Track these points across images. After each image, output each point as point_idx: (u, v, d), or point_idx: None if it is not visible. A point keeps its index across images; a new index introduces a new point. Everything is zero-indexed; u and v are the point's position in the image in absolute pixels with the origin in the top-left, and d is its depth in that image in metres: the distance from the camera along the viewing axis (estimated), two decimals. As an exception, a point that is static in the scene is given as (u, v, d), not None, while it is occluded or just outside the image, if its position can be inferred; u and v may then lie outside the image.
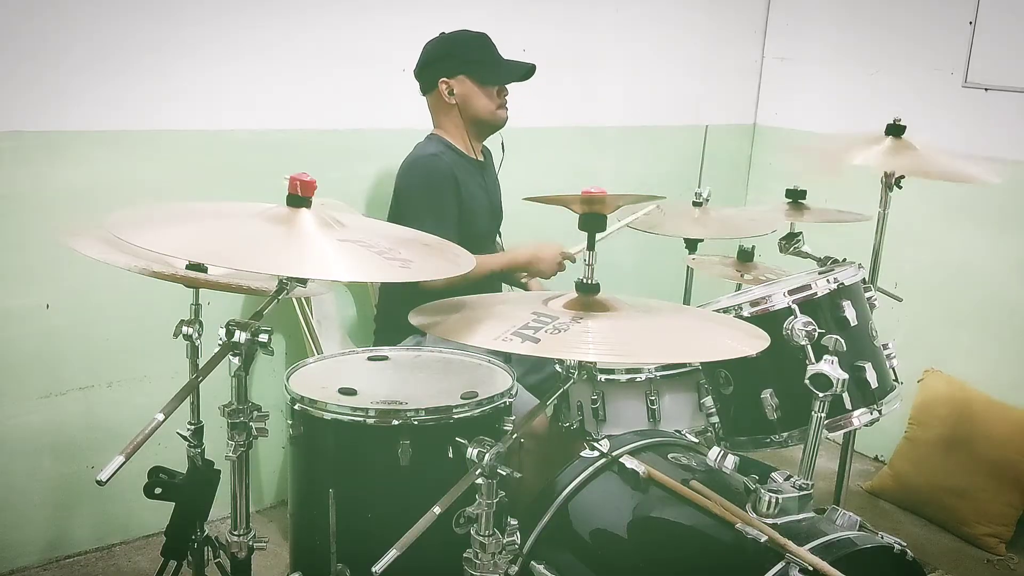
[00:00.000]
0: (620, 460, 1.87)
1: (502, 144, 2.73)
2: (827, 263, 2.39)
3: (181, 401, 1.46)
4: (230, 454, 1.64)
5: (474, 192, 2.59)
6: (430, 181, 2.51)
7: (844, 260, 2.33)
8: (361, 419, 1.84)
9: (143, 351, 2.66)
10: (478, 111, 2.58)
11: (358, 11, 2.84)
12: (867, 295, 2.20)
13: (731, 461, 1.71)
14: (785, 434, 2.03)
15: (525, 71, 2.58)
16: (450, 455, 1.82)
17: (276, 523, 2.91)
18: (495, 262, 2.54)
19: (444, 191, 2.50)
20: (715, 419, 2.18)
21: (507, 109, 2.62)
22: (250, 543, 1.72)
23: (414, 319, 1.61)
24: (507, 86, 2.61)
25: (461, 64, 2.55)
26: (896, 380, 2.19)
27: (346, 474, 1.90)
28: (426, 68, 2.59)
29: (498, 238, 2.89)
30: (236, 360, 1.57)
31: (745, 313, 2.01)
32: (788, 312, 1.98)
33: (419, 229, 1.94)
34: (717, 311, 2.05)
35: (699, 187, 2.84)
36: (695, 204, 2.83)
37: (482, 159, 2.71)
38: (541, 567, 1.81)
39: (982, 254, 3.23)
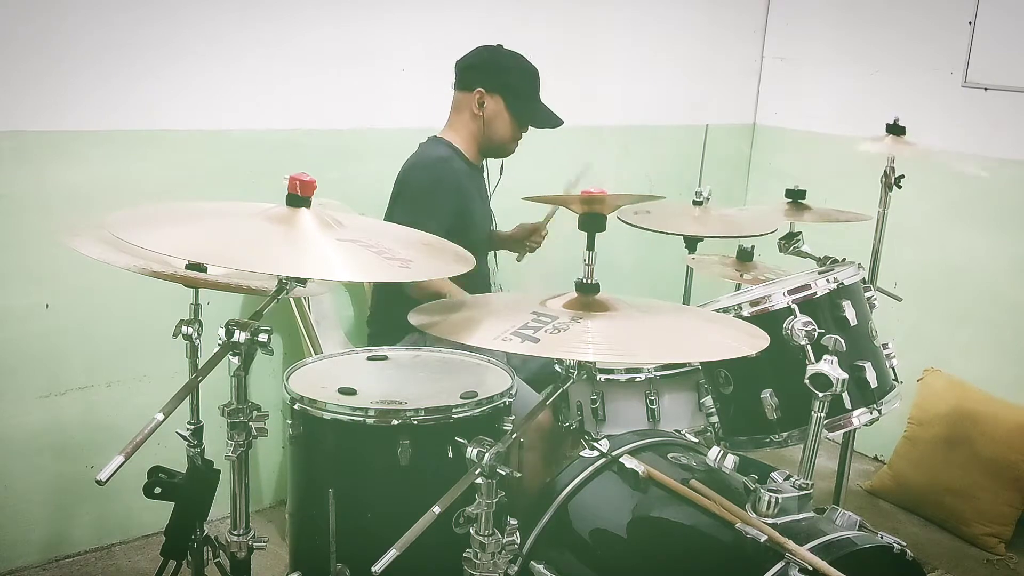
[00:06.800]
0: (620, 460, 1.87)
1: (501, 167, 2.70)
2: (827, 263, 2.39)
3: (181, 401, 1.46)
4: (230, 454, 1.64)
5: (474, 199, 2.59)
6: (435, 183, 2.49)
7: (844, 260, 2.33)
8: (361, 419, 1.84)
9: (143, 351, 2.66)
10: (497, 135, 2.57)
11: (358, 11, 2.83)
12: (867, 295, 2.20)
13: (731, 461, 1.71)
14: (785, 434, 2.03)
15: (552, 124, 2.57)
16: (450, 455, 1.82)
17: (276, 523, 2.91)
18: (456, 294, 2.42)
19: (446, 196, 2.49)
20: (715, 419, 2.18)
21: (518, 146, 2.62)
22: (250, 543, 1.72)
23: (414, 319, 1.61)
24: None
25: (504, 86, 2.53)
26: (896, 379, 2.19)
27: (346, 474, 1.89)
28: (471, 70, 2.56)
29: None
30: (236, 360, 1.57)
31: (745, 313, 2.01)
32: (788, 312, 1.97)
33: (411, 227, 1.91)
34: (717, 311, 2.05)
35: (699, 187, 2.84)
36: (695, 203, 2.83)
37: (481, 166, 2.70)
38: (541, 567, 1.82)
39: (982, 254, 3.23)
